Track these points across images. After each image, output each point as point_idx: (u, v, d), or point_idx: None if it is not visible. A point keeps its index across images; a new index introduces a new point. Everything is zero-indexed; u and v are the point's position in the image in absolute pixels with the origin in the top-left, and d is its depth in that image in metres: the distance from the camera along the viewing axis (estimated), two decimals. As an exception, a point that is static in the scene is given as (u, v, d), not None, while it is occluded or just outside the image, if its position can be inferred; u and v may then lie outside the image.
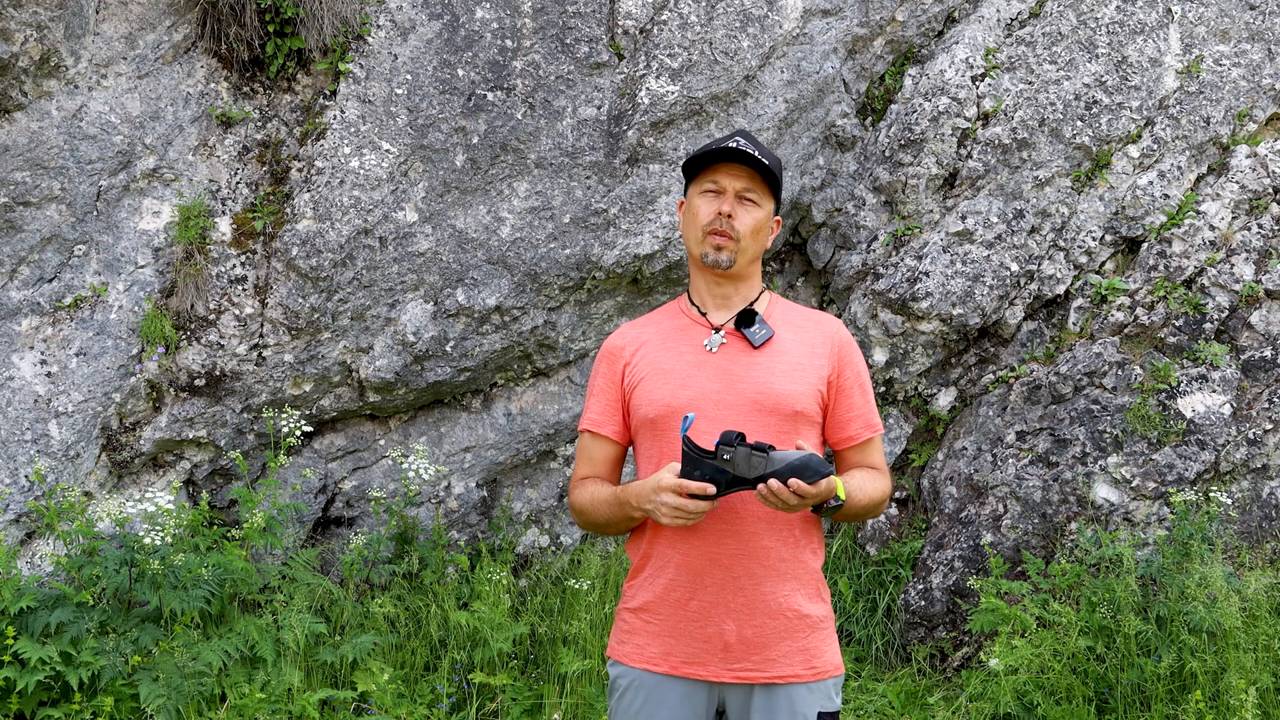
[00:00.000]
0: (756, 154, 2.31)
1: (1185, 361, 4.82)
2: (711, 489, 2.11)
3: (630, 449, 2.45)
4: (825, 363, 2.36)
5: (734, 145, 2.32)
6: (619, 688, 2.36)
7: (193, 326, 4.43)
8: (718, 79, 4.85)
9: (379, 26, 4.65)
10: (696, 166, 2.38)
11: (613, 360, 2.42)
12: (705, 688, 2.30)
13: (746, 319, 2.35)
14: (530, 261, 4.70)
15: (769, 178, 2.34)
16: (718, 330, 2.36)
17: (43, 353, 4.26)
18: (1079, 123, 5.07)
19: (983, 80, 5.15)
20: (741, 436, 2.11)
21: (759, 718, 2.27)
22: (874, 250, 5.14)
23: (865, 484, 2.32)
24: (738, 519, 2.26)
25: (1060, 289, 5.07)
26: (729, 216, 2.32)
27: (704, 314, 2.40)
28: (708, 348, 2.34)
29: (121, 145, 4.40)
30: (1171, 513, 4.54)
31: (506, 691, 4.17)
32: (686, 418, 2.16)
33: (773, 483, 2.09)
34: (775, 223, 2.44)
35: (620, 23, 4.88)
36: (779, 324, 2.38)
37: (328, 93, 4.65)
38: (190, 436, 4.43)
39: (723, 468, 2.11)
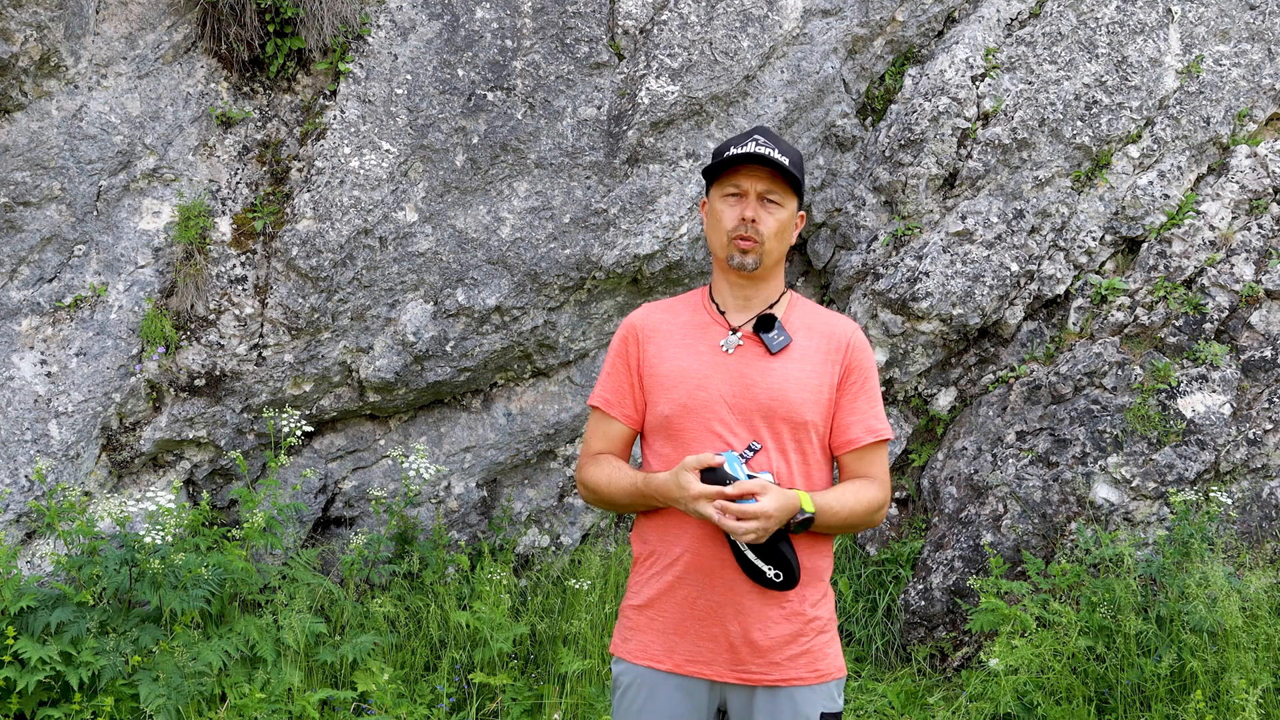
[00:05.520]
0: (776, 154, 2.30)
1: (1185, 361, 4.82)
2: (751, 487, 2.15)
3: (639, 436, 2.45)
4: (835, 369, 2.35)
5: (753, 148, 2.30)
6: (621, 684, 2.36)
7: (193, 326, 4.43)
8: (718, 79, 4.85)
9: (379, 26, 4.65)
10: (717, 168, 2.37)
11: (629, 341, 2.42)
12: (707, 686, 2.30)
13: (765, 324, 2.34)
14: (530, 261, 4.70)
15: (790, 177, 2.32)
16: (735, 331, 2.35)
17: (43, 353, 4.26)
18: (1079, 123, 5.07)
19: (983, 80, 5.15)
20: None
21: (762, 719, 2.27)
22: (874, 250, 5.14)
23: (844, 495, 2.29)
24: None
25: (1060, 289, 5.07)
26: (753, 221, 2.31)
27: (723, 313, 2.40)
28: (724, 348, 2.34)
29: (121, 145, 4.40)
30: (1171, 513, 4.54)
31: (506, 691, 4.17)
32: (730, 455, 2.21)
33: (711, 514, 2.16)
34: (799, 219, 2.43)
35: (620, 23, 4.88)
36: (796, 329, 2.37)
37: (328, 93, 4.65)
38: (190, 436, 4.43)
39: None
